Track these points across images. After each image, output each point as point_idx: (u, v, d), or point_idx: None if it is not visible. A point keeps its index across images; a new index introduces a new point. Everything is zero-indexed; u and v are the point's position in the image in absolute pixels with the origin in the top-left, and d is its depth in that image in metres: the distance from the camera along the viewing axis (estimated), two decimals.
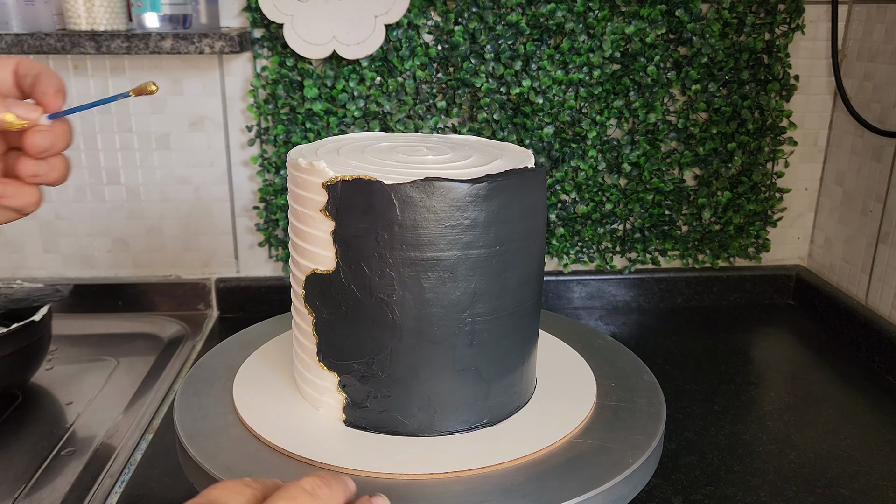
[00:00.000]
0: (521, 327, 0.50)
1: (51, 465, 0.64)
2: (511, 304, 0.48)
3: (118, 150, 0.93)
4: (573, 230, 0.98)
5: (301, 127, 0.91)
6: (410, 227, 0.45)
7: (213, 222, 0.97)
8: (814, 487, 0.62)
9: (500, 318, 0.48)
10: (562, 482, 0.45)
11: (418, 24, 0.88)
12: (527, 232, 0.48)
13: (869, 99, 0.90)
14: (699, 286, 1.01)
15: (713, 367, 0.84)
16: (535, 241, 0.49)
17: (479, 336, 0.47)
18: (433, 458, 0.47)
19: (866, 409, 0.75)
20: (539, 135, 0.92)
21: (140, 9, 0.81)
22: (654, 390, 0.56)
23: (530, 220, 0.48)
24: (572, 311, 1.00)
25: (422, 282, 0.46)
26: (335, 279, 0.47)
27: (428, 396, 0.48)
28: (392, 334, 0.47)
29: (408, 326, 0.46)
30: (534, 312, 0.52)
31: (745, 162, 0.96)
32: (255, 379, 0.56)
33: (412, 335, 0.46)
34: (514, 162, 0.50)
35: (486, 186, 0.45)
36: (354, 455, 0.47)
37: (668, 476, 0.64)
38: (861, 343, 0.87)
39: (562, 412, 0.52)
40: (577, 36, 0.89)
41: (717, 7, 0.90)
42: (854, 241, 0.93)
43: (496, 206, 0.46)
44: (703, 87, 0.93)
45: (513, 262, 0.48)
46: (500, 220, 0.46)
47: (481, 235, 0.46)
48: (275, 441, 0.48)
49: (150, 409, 0.73)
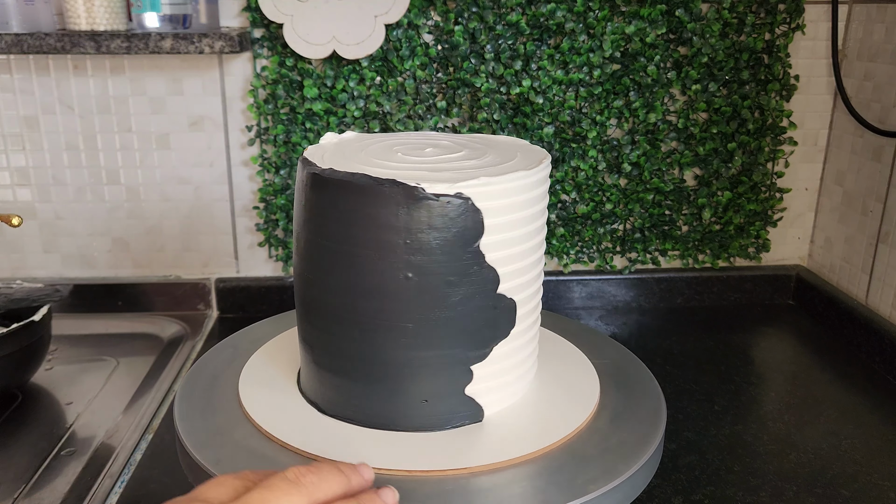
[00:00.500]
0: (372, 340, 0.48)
1: (51, 465, 0.64)
2: (364, 318, 0.48)
3: (118, 149, 0.93)
4: (573, 230, 0.98)
5: (301, 127, 0.91)
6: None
7: (213, 222, 0.97)
8: (814, 487, 0.62)
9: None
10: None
11: (418, 24, 0.88)
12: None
13: (869, 99, 0.90)
14: (699, 286, 1.01)
15: (713, 368, 0.84)
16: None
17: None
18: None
19: (866, 409, 0.75)
20: (539, 135, 0.92)
21: (140, 9, 0.81)
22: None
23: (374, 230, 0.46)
24: (572, 311, 1.00)
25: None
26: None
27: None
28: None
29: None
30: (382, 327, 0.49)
31: (745, 162, 0.96)
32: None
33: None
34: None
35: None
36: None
37: (668, 476, 0.63)
38: (861, 343, 0.87)
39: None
40: (578, 36, 0.89)
41: (718, 7, 0.90)
42: (854, 241, 0.93)
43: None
44: (703, 86, 0.92)
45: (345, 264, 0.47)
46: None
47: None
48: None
49: (150, 409, 0.73)
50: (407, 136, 0.58)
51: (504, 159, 0.51)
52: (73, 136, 0.92)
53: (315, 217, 0.48)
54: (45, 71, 0.90)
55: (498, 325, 0.49)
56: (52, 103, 0.91)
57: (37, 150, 0.93)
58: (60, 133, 0.92)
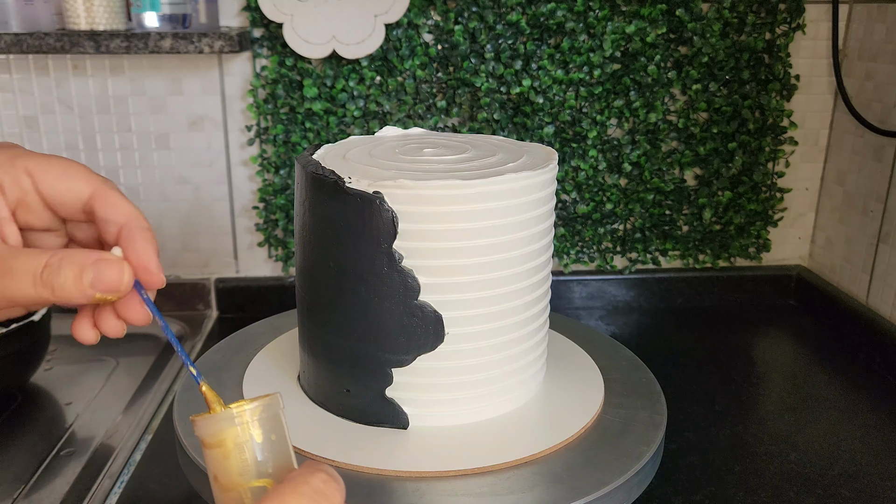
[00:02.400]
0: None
1: (50, 465, 0.63)
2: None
3: (117, 149, 0.93)
4: (573, 230, 0.98)
5: (301, 127, 0.91)
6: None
7: (213, 222, 0.96)
8: (814, 488, 0.62)
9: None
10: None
11: (418, 24, 0.88)
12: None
13: (870, 99, 0.89)
14: (700, 286, 1.01)
15: (714, 368, 0.84)
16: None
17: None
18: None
19: (867, 409, 0.75)
20: (539, 134, 0.92)
21: (139, 8, 0.81)
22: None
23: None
24: (573, 311, 1.00)
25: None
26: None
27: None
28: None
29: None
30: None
31: (745, 162, 0.96)
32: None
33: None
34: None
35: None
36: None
37: (668, 477, 0.63)
38: (862, 343, 0.87)
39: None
40: (578, 35, 0.89)
41: (718, 6, 0.90)
42: (855, 241, 0.93)
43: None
44: (703, 86, 0.92)
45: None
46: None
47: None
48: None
49: (150, 410, 0.73)
50: (450, 138, 0.58)
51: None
52: (73, 135, 0.92)
53: (297, 210, 0.52)
54: (44, 71, 0.90)
55: (416, 336, 0.47)
56: (52, 103, 0.91)
57: (36, 149, 0.92)
58: (60, 133, 0.92)
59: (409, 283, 0.46)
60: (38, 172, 0.34)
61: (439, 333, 0.47)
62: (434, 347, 0.47)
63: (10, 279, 0.31)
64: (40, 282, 0.31)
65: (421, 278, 0.46)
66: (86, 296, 0.32)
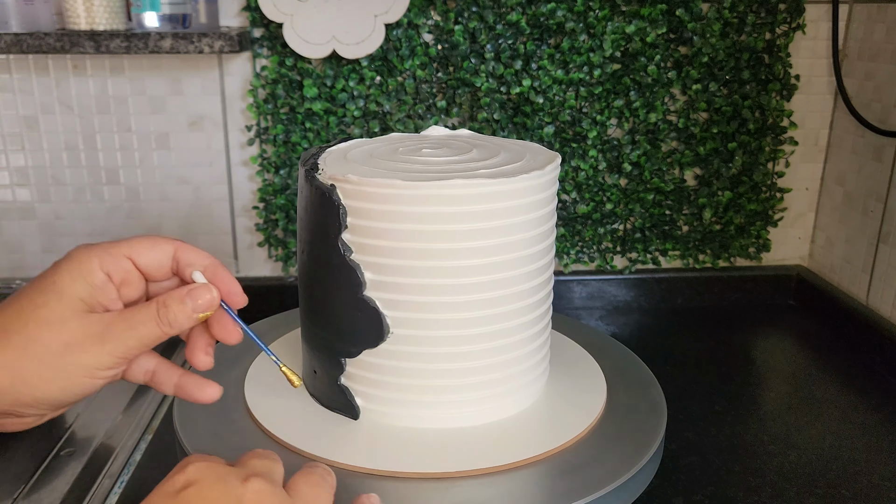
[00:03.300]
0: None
1: (50, 465, 0.63)
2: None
3: (117, 149, 0.93)
4: (573, 230, 0.98)
5: (301, 127, 0.91)
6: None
7: (213, 222, 0.96)
8: (814, 488, 0.62)
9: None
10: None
11: (418, 24, 0.88)
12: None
13: (870, 99, 0.89)
14: (700, 286, 1.01)
15: (714, 368, 0.84)
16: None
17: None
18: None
19: (867, 409, 0.75)
20: (539, 134, 0.92)
21: (139, 8, 0.81)
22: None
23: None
24: (573, 311, 1.00)
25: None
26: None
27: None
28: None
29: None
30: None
31: (745, 162, 0.96)
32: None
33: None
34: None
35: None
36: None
37: (668, 476, 0.63)
38: (862, 343, 0.87)
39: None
40: (578, 35, 0.89)
41: (718, 6, 0.90)
42: (855, 241, 0.93)
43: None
44: (703, 86, 0.92)
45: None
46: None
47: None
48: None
49: (150, 409, 0.73)
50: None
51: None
52: (73, 135, 0.92)
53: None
54: (44, 71, 0.90)
55: (361, 330, 0.48)
56: (52, 103, 0.91)
57: (36, 150, 0.93)
58: (60, 133, 0.92)
59: (355, 276, 0.47)
60: (134, 253, 0.43)
61: (379, 331, 0.48)
62: (376, 344, 0.48)
63: (137, 329, 0.41)
64: (160, 321, 0.42)
65: (367, 274, 0.47)
66: (192, 319, 0.42)
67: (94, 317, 0.41)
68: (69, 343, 0.40)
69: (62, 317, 0.40)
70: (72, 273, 0.41)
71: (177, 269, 0.45)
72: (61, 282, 0.41)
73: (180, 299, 0.42)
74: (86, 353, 0.40)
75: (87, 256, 0.42)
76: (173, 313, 0.42)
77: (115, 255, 0.43)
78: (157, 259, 0.44)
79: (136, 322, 0.41)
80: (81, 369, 0.40)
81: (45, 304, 0.40)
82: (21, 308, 0.40)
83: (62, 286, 0.40)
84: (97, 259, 0.42)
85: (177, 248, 0.45)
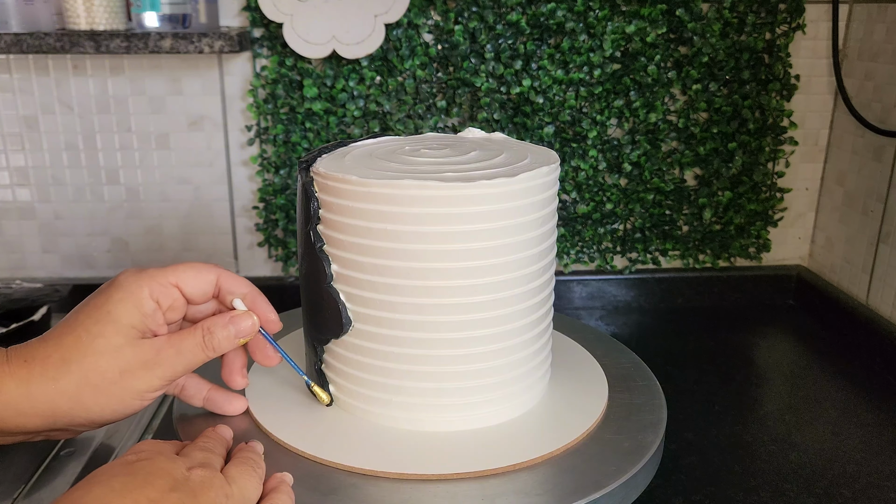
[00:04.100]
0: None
1: (50, 465, 0.63)
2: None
3: (117, 149, 0.93)
4: (573, 230, 0.98)
5: (301, 127, 0.91)
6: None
7: (213, 222, 0.96)
8: (814, 488, 0.62)
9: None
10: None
11: (418, 24, 0.88)
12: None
13: (870, 99, 0.89)
14: (700, 286, 1.01)
15: (714, 368, 0.84)
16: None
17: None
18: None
19: (866, 409, 0.75)
20: (539, 134, 0.92)
21: (139, 8, 0.81)
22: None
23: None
24: (573, 311, 1.00)
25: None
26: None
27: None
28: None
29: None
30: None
31: (745, 162, 0.96)
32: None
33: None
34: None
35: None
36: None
37: (668, 476, 0.63)
38: (862, 343, 0.87)
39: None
40: (578, 35, 0.89)
41: (718, 6, 0.90)
42: (855, 241, 0.93)
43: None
44: (703, 86, 0.92)
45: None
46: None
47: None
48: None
49: (150, 409, 0.73)
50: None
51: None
52: (73, 135, 0.92)
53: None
54: (44, 71, 0.90)
55: (327, 319, 0.50)
56: (52, 103, 0.91)
57: (36, 149, 0.93)
58: (60, 133, 0.92)
59: (323, 267, 0.49)
60: (181, 281, 0.47)
61: (340, 322, 0.49)
62: (339, 335, 0.50)
63: (184, 356, 0.45)
64: (205, 346, 0.46)
65: (334, 266, 0.49)
66: (234, 344, 0.47)
67: (145, 344, 0.44)
68: (124, 370, 0.43)
69: (117, 346, 0.43)
70: (125, 303, 0.44)
71: (218, 295, 0.49)
72: (116, 312, 0.44)
73: (224, 326, 0.46)
74: (138, 378, 0.44)
75: (138, 286, 0.45)
76: (217, 339, 0.46)
77: (164, 284, 0.46)
78: (201, 287, 0.48)
79: (183, 349, 0.45)
80: (133, 393, 0.44)
81: (100, 334, 0.43)
82: (79, 338, 0.43)
83: (117, 316, 0.44)
84: (147, 288, 0.45)
85: (219, 275, 0.49)
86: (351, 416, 0.51)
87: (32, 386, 0.42)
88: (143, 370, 0.44)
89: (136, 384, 0.44)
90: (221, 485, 0.39)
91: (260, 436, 0.49)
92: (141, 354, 0.44)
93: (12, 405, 0.42)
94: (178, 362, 0.45)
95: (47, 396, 0.42)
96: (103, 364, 0.43)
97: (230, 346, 0.47)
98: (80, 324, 0.44)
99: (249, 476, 0.40)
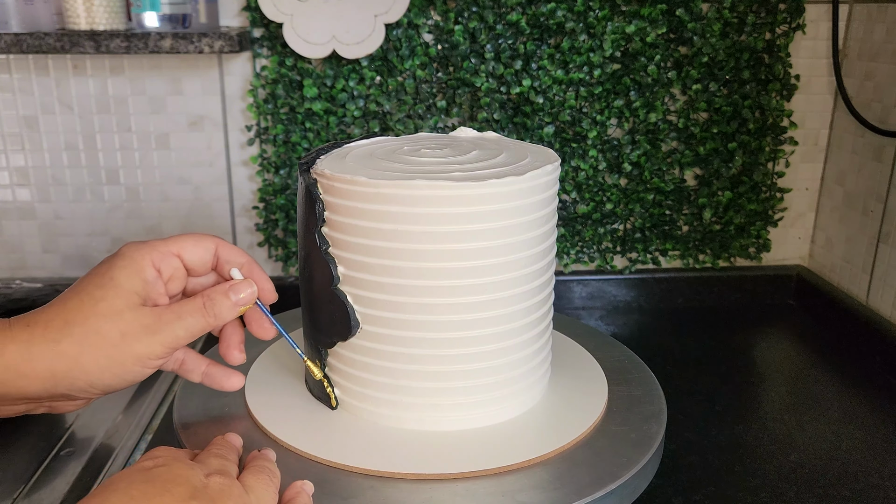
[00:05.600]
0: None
1: (50, 465, 0.63)
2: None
3: (117, 149, 0.93)
4: (573, 230, 0.98)
5: (301, 127, 0.91)
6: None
7: (213, 222, 0.96)
8: (815, 488, 0.62)
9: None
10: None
11: (418, 24, 0.88)
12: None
13: (870, 99, 0.89)
14: (700, 286, 1.01)
15: (714, 368, 0.84)
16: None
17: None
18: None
19: (867, 409, 0.75)
20: (539, 134, 0.92)
21: (139, 8, 0.81)
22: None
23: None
24: (573, 311, 1.00)
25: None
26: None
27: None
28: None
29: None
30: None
31: (745, 162, 0.96)
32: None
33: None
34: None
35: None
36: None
37: (668, 476, 0.63)
38: (862, 343, 0.87)
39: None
40: (578, 35, 0.89)
41: (718, 6, 0.90)
42: (855, 241, 0.93)
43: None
44: (703, 86, 0.92)
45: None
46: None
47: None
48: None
49: (150, 409, 0.73)
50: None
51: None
52: (73, 135, 0.92)
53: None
54: (44, 71, 0.90)
55: (334, 322, 0.49)
56: (52, 103, 0.91)
57: (36, 149, 0.93)
58: (60, 133, 0.92)
59: (329, 270, 0.48)
60: (182, 250, 0.48)
61: (348, 325, 0.49)
62: (346, 337, 0.49)
63: (185, 321, 0.45)
64: (206, 313, 0.46)
65: (341, 268, 0.48)
66: (234, 311, 0.47)
67: (146, 309, 0.44)
68: (125, 333, 0.43)
69: (119, 309, 0.44)
70: (127, 269, 0.45)
71: (216, 266, 0.49)
72: (118, 278, 0.44)
73: (224, 293, 0.47)
74: (139, 342, 0.44)
75: (140, 254, 0.46)
76: (218, 306, 0.46)
77: (165, 253, 0.47)
78: (201, 255, 0.48)
79: (184, 314, 0.45)
80: (134, 358, 0.44)
81: (103, 297, 0.44)
82: (82, 301, 0.44)
83: (119, 281, 0.44)
84: (149, 256, 0.46)
85: (217, 244, 0.49)
86: (357, 418, 0.51)
87: (33, 347, 0.42)
88: (144, 334, 0.44)
89: (136, 347, 0.44)
90: (240, 493, 0.38)
91: (269, 443, 0.49)
92: (142, 318, 0.44)
93: (13, 367, 0.42)
94: (178, 327, 0.45)
95: (47, 357, 0.42)
96: (105, 326, 0.43)
97: (230, 313, 0.47)
98: (83, 289, 0.44)
99: (266, 485, 0.41)
